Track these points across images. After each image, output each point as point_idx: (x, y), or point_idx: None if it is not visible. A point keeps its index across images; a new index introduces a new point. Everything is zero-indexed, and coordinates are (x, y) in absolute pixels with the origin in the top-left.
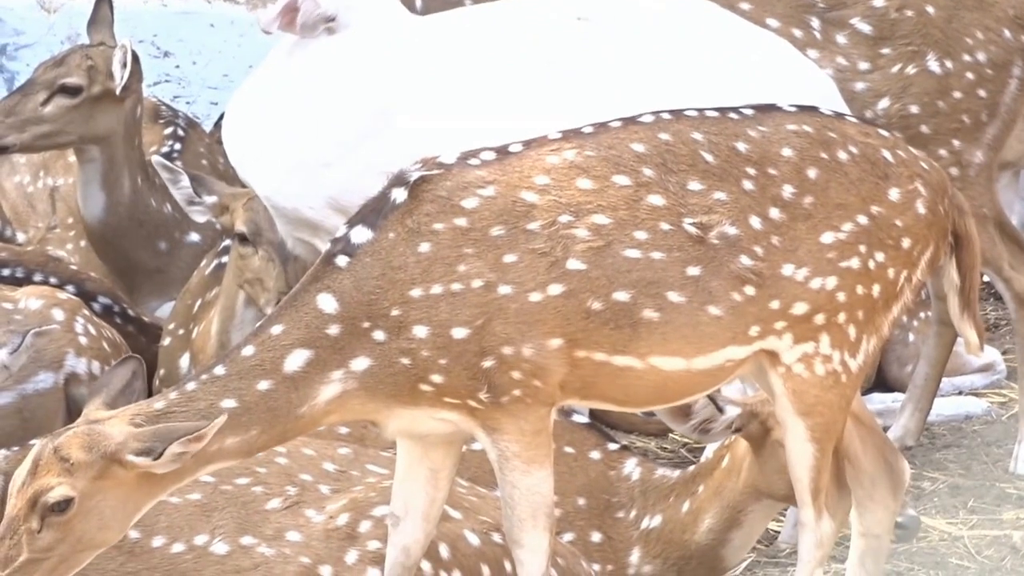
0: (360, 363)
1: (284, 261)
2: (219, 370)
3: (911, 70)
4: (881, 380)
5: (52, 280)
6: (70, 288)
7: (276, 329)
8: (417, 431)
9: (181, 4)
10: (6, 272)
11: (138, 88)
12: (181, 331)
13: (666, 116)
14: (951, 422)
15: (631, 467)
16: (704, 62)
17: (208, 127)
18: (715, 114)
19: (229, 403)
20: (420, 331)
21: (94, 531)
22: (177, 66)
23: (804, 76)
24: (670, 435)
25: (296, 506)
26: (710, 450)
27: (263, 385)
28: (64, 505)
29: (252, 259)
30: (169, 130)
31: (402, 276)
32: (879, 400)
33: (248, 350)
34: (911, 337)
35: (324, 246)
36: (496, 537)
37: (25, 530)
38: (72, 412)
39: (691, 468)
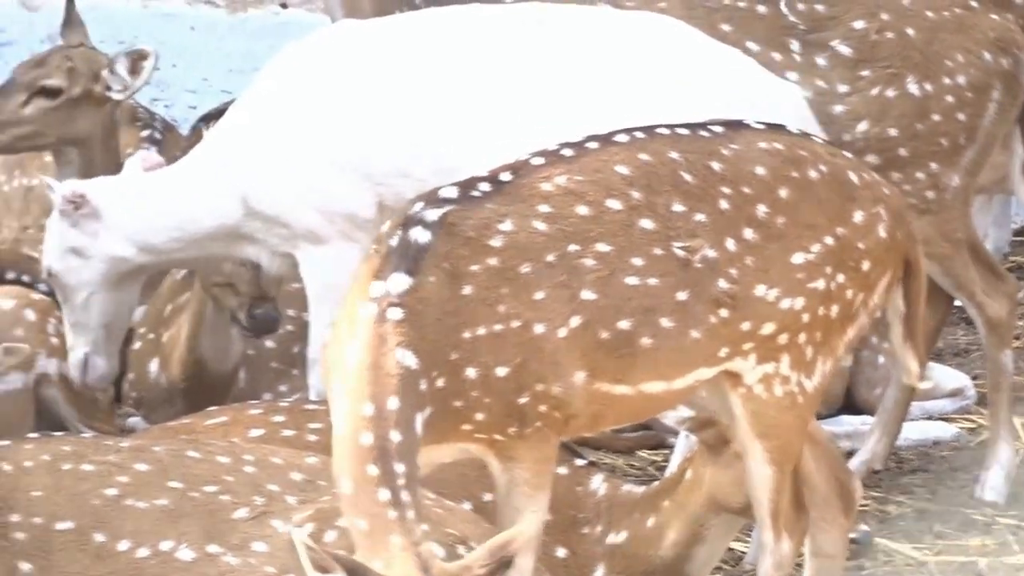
0: (425, 412)
1: (256, 266)
2: (398, 467)
3: (890, 93)
4: (850, 402)
5: (26, 279)
6: (43, 288)
7: (392, 404)
8: (428, 462)
9: (161, 6)
10: None
11: None
12: (151, 335)
13: (640, 135)
14: (919, 447)
15: (597, 483)
16: (665, 78)
17: (186, 130)
18: (687, 132)
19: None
20: (471, 373)
21: None
22: (156, 68)
23: (773, 92)
24: (637, 453)
25: (263, 516)
26: (674, 464)
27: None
28: None
29: (224, 263)
30: (146, 133)
31: (453, 321)
32: (848, 422)
33: (395, 435)
34: (881, 359)
35: (302, 255)
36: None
37: None
38: (42, 412)
39: (655, 483)
